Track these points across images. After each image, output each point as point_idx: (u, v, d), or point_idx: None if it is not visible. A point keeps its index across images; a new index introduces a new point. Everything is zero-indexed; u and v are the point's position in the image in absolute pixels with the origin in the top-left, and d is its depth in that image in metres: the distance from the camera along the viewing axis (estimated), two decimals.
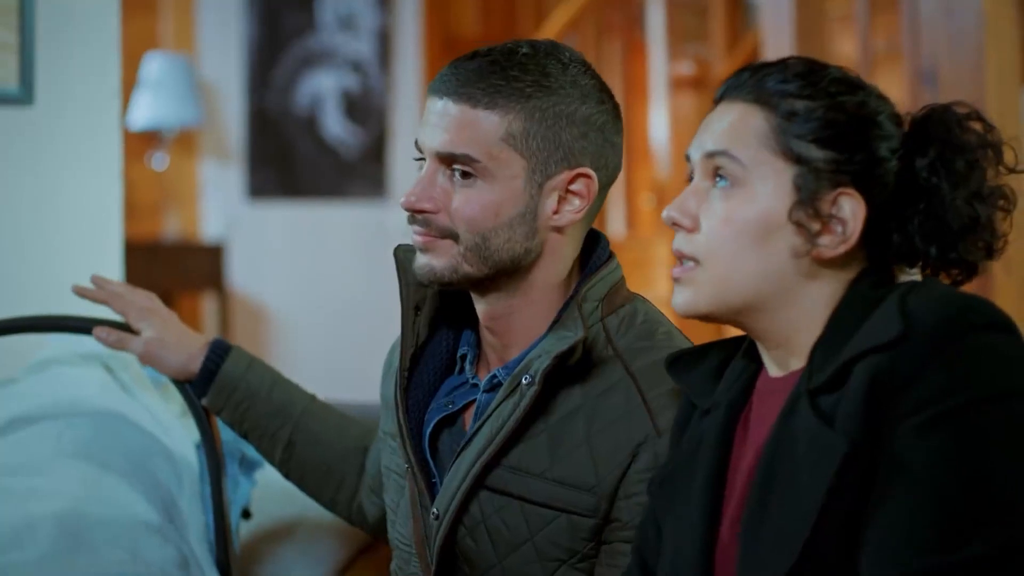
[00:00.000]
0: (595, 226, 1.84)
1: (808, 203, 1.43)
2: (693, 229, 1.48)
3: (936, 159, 1.45)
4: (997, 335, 1.34)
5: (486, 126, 1.71)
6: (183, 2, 6.39)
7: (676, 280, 1.50)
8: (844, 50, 4.73)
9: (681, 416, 1.63)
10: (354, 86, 6.70)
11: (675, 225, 1.50)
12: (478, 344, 1.85)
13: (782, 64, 1.49)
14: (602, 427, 1.72)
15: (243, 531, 2.23)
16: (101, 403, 2.18)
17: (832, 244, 1.44)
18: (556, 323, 1.77)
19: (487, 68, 1.72)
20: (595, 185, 1.76)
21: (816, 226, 1.43)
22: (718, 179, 1.47)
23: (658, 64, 5.78)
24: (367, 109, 6.72)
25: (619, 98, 1.82)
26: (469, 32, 7.00)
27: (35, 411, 2.16)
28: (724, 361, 1.58)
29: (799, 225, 1.43)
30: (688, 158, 1.52)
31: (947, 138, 1.46)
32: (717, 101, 1.52)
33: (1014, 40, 3.49)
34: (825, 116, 1.44)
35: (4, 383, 2.24)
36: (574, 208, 1.76)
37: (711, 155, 1.48)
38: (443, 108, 1.72)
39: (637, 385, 1.73)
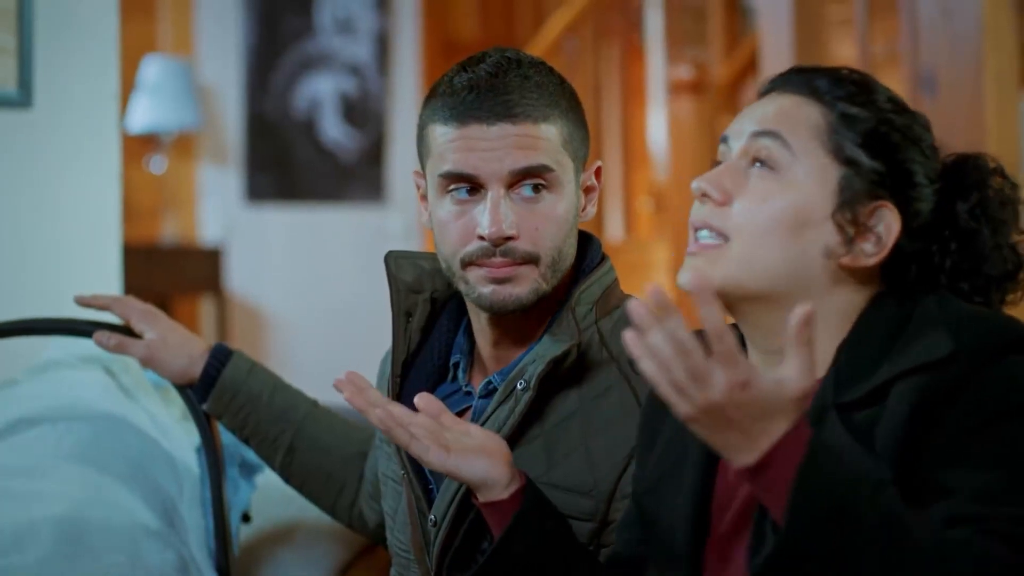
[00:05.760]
0: (592, 229, 1.85)
1: (850, 207, 1.43)
2: (723, 203, 1.45)
3: (978, 205, 1.47)
4: None
5: (550, 137, 1.73)
6: (182, 5, 6.39)
7: (692, 254, 1.46)
8: (843, 54, 4.72)
9: (651, 417, 1.61)
10: (352, 90, 6.71)
11: (704, 196, 1.46)
12: (471, 351, 1.85)
13: (834, 70, 1.50)
14: (598, 430, 1.72)
15: (242, 534, 2.23)
16: (102, 406, 2.18)
17: (863, 254, 1.44)
18: (550, 327, 1.77)
19: (517, 84, 1.72)
20: (601, 174, 1.83)
21: (852, 231, 1.43)
22: (758, 163, 1.46)
23: (656, 68, 5.78)
24: (365, 113, 6.72)
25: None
26: (468, 36, 7.00)
27: (35, 414, 2.16)
28: None
29: (839, 226, 1.43)
30: (724, 139, 1.50)
31: (985, 186, 1.48)
32: (763, 94, 1.52)
33: (1013, 46, 3.49)
34: (877, 127, 1.45)
35: (4, 385, 2.24)
36: (593, 201, 1.81)
37: (759, 135, 1.46)
38: (502, 131, 1.70)
39: (632, 387, 1.73)
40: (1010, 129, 3.41)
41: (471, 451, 1.61)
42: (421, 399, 1.63)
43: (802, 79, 1.49)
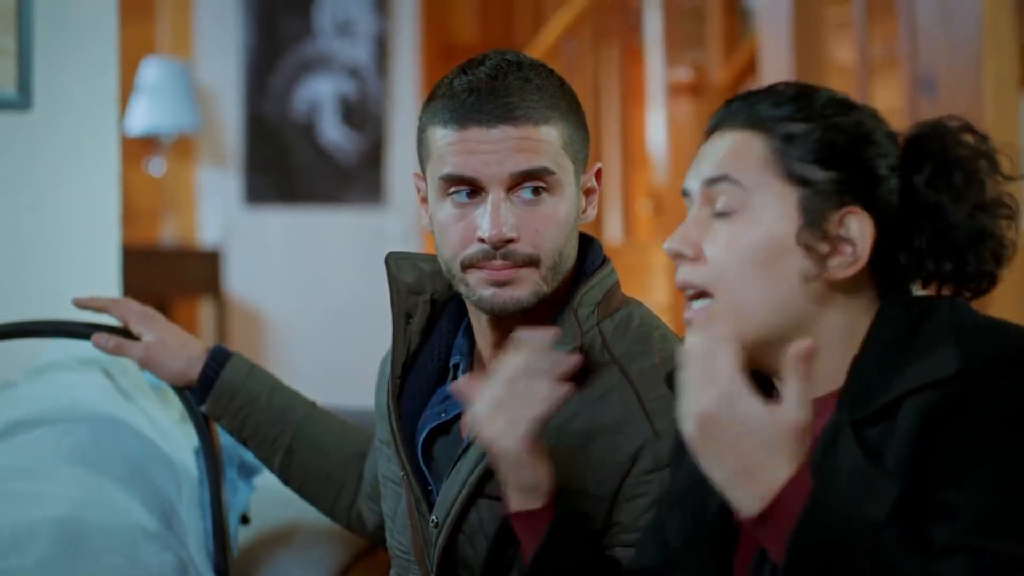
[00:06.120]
0: (592, 231, 1.85)
1: (815, 225, 1.41)
2: (697, 258, 1.44)
3: (933, 174, 1.44)
4: None
5: (551, 140, 1.72)
6: (181, 7, 6.39)
7: (690, 323, 1.44)
8: (842, 57, 4.73)
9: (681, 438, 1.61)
10: (352, 92, 6.71)
11: (678, 257, 1.46)
12: (471, 353, 1.85)
13: (771, 90, 1.48)
14: (600, 432, 1.72)
15: (241, 535, 2.23)
16: (100, 408, 2.18)
17: (843, 265, 1.42)
18: None
19: (518, 86, 1.72)
20: (601, 176, 1.82)
21: (825, 248, 1.41)
22: (717, 210, 1.44)
23: (655, 70, 5.77)
24: (364, 115, 6.72)
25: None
26: (467, 38, 7.00)
27: (34, 416, 2.16)
28: None
29: (808, 248, 1.41)
30: (685, 192, 1.49)
31: (942, 153, 1.45)
32: (709, 132, 1.51)
33: (1013, 47, 3.49)
34: (823, 137, 1.43)
35: (3, 388, 2.24)
36: (593, 203, 1.81)
37: (711, 181, 1.45)
38: (503, 134, 1.70)
39: (634, 389, 1.73)
40: (1010, 131, 3.41)
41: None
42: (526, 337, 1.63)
43: (743, 109, 1.47)
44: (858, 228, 1.42)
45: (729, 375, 1.27)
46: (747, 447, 1.25)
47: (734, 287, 1.42)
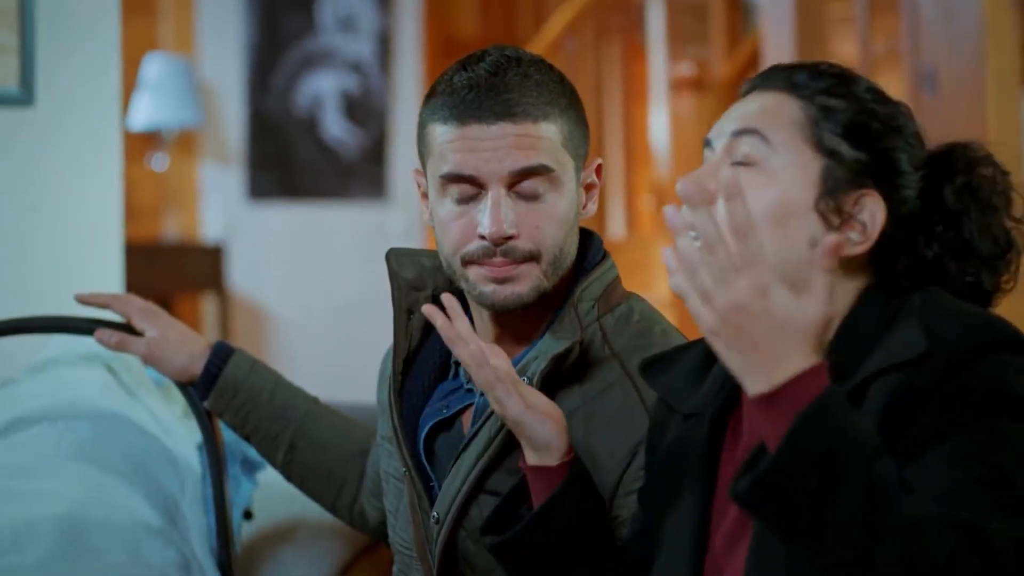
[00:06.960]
0: (594, 227, 1.85)
1: (832, 197, 1.43)
2: (708, 204, 1.45)
3: (964, 187, 1.47)
4: (1016, 355, 1.34)
5: (550, 136, 1.73)
6: (183, 3, 6.39)
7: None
8: (844, 52, 4.73)
9: (657, 421, 1.62)
10: (354, 87, 6.71)
11: (690, 200, 1.45)
12: None
13: (814, 65, 1.50)
14: (601, 427, 1.72)
15: (244, 531, 2.23)
16: (102, 405, 2.18)
17: (850, 243, 1.43)
18: (552, 324, 1.77)
19: (517, 82, 1.72)
20: (602, 171, 1.83)
21: (837, 221, 1.43)
22: (739, 160, 1.45)
23: (658, 66, 5.78)
24: (367, 110, 6.72)
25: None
26: (469, 34, 7.00)
27: (36, 412, 2.16)
28: (700, 362, 1.56)
29: (823, 216, 1.42)
30: (707, 143, 1.50)
31: (972, 171, 1.48)
32: (744, 94, 1.52)
33: (1014, 44, 3.49)
34: (858, 117, 1.45)
35: (5, 384, 2.24)
36: (594, 199, 1.82)
37: (739, 133, 1.46)
38: (502, 131, 1.70)
39: (634, 384, 1.73)
40: (1011, 127, 3.42)
41: (541, 411, 1.63)
42: (493, 352, 1.63)
43: (781, 76, 1.49)
44: (872, 210, 1.43)
45: (764, 262, 1.24)
46: (773, 338, 1.24)
47: None
